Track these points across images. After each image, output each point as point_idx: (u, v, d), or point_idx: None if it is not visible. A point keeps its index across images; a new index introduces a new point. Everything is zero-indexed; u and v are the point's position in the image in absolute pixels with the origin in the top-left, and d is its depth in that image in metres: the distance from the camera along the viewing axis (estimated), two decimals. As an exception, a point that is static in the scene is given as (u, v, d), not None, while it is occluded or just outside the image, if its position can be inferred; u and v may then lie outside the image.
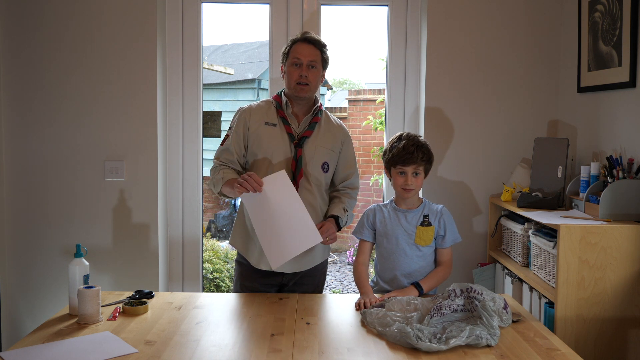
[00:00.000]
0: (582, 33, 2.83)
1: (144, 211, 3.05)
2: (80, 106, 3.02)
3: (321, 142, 2.42)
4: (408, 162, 2.31)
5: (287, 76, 2.40)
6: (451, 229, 2.37)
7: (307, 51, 2.37)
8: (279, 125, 2.40)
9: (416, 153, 2.31)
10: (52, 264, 3.07)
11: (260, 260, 2.38)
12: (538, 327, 1.97)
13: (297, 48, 2.38)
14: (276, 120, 2.41)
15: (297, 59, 2.36)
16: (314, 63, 2.37)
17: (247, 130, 2.40)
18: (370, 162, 7.10)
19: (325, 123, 2.47)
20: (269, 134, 2.39)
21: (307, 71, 2.36)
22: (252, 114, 2.42)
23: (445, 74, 3.07)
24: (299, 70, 2.36)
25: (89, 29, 2.99)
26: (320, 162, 2.41)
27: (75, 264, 2.07)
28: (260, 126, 2.40)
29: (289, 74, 2.39)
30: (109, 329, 1.90)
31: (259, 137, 2.39)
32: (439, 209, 2.40)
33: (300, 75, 2.35)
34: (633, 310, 2.27)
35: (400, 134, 2.40)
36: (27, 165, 3.03)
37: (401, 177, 2.33)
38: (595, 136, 2.76)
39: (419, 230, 2.34)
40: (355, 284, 2.35)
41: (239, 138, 2.41)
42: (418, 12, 3.14)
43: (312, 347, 1.78)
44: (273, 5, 3.14)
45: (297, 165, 2.36)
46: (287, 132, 2.38)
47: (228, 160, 2.41)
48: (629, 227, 2.24)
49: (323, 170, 2.42)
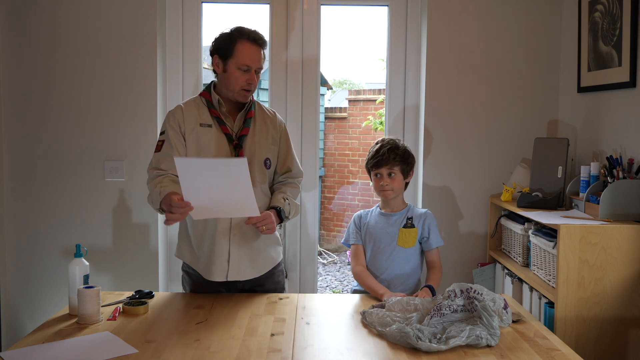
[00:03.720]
0: (582, 33, 2.83)
1: (144, 211, 3.05)
2: (80, 106, 3.02)
3: (259, 137, 2.27)
4: (381, 164, 2.36)
5: (229, 78, 2.19)
6: (434, 232, 2.41)
7: (257, 56, 2.18)
8: (215, 126, 2.22)
9: (387, 154, 2.36)
10: (52, 264, 3.07)
11: (212, 271, 2.22)
12: (538, 327, 1.97)
13: (247, 51, 2.16)
14: (210, 120, 2.22)
15: (245, 66, 2.16)
16: (260, 69, 2.21)
17: (183, 132, 2.20)
18: (370, 162, 7.09)
19: (259, 116, 2.31)
20: (206, 136, 2.20)
21: (255, 77, 2.20)
22: (184, 115, 2.21)
23: (445, 74, 3.07)
24: (247, 76, 2.17)
25: (89, 29, 2.99)
26: (262, 159, 2.27)
27: (75, 264, 2.07)
28: (195, 127, 2.21)
29: (233, 77, 2.18)
30: (109, 329, 1.90)
31: (196, 140, 2.20)
32: (424, 212, 2.43)
33: (248, 83, 2.18)
34: (633, 310, 2.26)
35: (378, 140, 2.46)
36: (27, 165, 3.03)
37: (378, 179, 2.39)
38: (595, 136, 2.76)
39: (402, 233, 2.36)
40: (366, 288, 2.32)
41: (178, 140, 2.19)
42: (418, 12, 3.14)
43: (312, 347, 1.78)
44: (273, 5, 3.14)
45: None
46: (223, 133, 2.21)
47: (169, 166, 2.14)
48: (629, 227, 2.24)
49: (266, 166, 2.28)
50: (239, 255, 2.24)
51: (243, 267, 2.25)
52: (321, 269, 6.68)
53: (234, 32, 2.19)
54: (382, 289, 2.23)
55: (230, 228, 2.23)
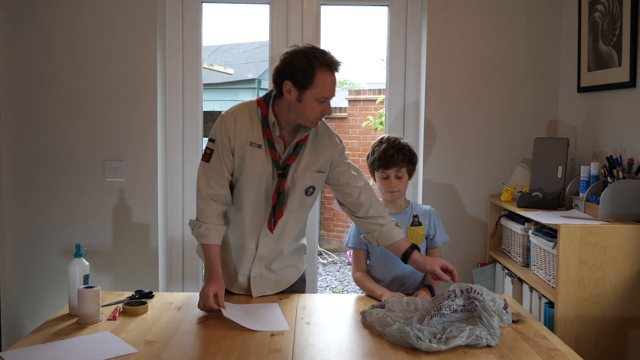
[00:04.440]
0: (582, 33, 2.83)
1: (144, 211, 3.05)
2: (80, 106, 3.02)
3: (305, 165, 2.13)
4: (389, 165, 2.32)
5: (304, 108, 2.01)
6: (440, 229, 2.39)
7: (334, 84, 2.03)
8: (265, 148, 2.09)
9: (396, 155, 2.32)
10: (52, 264, 3.07)
11: (233, 284, 2.24)
12: (538, 327, 1.97)
13: (327, 82, 1.99)
14: (262, 140, 2.09)
15: (324, 98, 2.01)
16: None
17: (233, 147, 2.09)
18: (370, 162, 7.09)
19: (312, 140, 2.15)
20: (253, 158, 2.09)
21: (330, 106, 2.05)
22: (236, 129, 2.09)
23: (445, 74, 3.07)
24: (323, 106, 2.02)
25: (89, 29, 2.99)
26: (304, 188, 2.15)
27: (75, 264, 2.07)
28: (245, 145, 2.09)
29: (309, 108, 2.01)
30: (109, 329, 1.90)
31: (243, 159, 2.09)
32: (428, 209, 2.42)
33: (323, 113, 2.04)
34: (633, 310, 2.26)
35: (381, 138, 2.41)
36: (27, 165, 3.03)
37: (385, 180, 2.35)
38: (595, 136, 2.76)
39: (410, 231, 2.35)
40: (367, 292, 2.30)
41: (227, 154, 2.10)
42: (418, 12, 3.14)
43: (312, 347, 1.78)
44: (273, 5, 3.14)
45: (278, 200, 2.11)
46: (272, 158, 2.09)
47: (217, 184, 2.10)
48: (628, 227, 2.24)
49: (307, 194, 2.17)
50: (261, 276, 2.24)
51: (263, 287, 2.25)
52: (321, 269, 6.68)
53: (312, 60, 1.98)
54: (381, 290, 2.23)
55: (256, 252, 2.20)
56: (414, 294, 2.21)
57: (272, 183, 2.12)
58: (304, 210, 2.23)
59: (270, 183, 2.12)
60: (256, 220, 2.17)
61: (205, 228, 2.09)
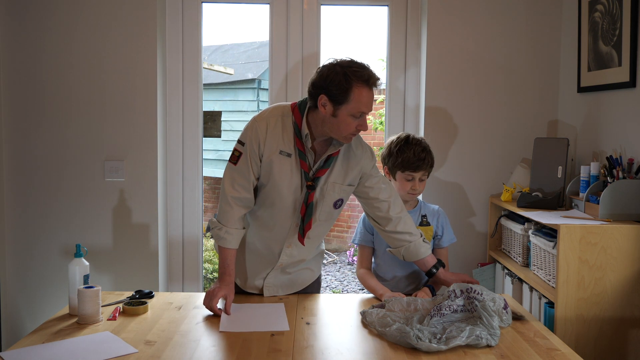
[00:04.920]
0: (582, 33, 2.83)
1: (144, 211, 3.05)
2: (80, 106, 3.02)
3: (335, 178, 2.10)
4: (419, 169, 2.30)
5: (339, 124, 1.96)
6: (448, 229, 2.39)
7: (372, 99, 1.97)
8: (294, 158, 2.05)
9: (427, 159, 2.31)
10: (52, 264, 3.07)
11: (246, 283, 2.25)
12: (538, 327, 1.97)
13: (364, 98, 1.94)
14: (292, 150, 2.04)
15: (360, 113, 1.95)
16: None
17: (261, 152, 2.05)
18: (370, 162, 7.08)
19: (344, 153, 2.10)
20: (282, 166, 2.05)
21: (366, 122, 2.00)
22: (267, 135, 2.03)
23: (445, 74, 3.07)
24: (359, 122, 1.97)
25: (88, 29, 2.99)
26: (332, 201, 2.12)
27: (75, 264, 2.07)
28: (273, 154, 2.04)
29: (344, 123, 1.96)
30: (109, 329, 1.90)
31: (270, 166, 2.05)
32: (436, 209, 2.41)
33: (358, 129, 1.99)
34: (633, 310, 2.26)
35: (407, 137, 2.36)
36: (27, 165, 3.03)
37: (409, 182, 2.32)
38: (595, 136, 2.76)
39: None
40: (368, 290, 2.31)
41: (254, 159, 2.05)
42: (418, 12, 3.14)
43: (312, 347, 1.78)
44: (273, 5, 3.14)
45: (307, 212, 2.07)
46: (301, 169, 2.05)
47: (242, 187, 2.07)
48: (628, 227, 2.24)
49: (335, 207, 2.15)
50: (275, 283, 2.25)
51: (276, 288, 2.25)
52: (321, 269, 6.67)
53: (349, 74, 1.92)
54: (382, 289, 2.23)
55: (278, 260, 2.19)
56: (414, 294, 2.21)
57: (301, 194, 2.08)
58: (329, 222, 2.23)
59: (298, 194, 2.09)
60: (282, 230, 2.15)
61: (225, 231, 2.09)
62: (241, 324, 1.95)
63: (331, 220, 2.21)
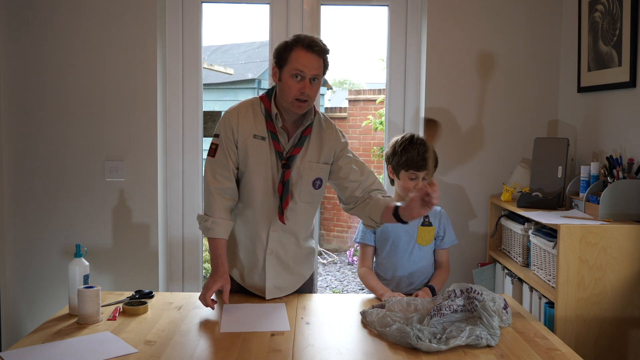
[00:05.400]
0: (582, 33, 2.83)
1: (144, 211, 3.05)
2: (80, 106, 3.02)
3: (310, 157, 2.16)
4: (423, 168, 2.31)
5: (284, 87, 2.07)
6: (450, 231, 2.39)
7: (312, 63, 2.04)
8: (268, 140, 2.13)
9: (432, 158, 2.31)
10: (52, 264, 3.07)
11: (245, 279, 2.26)
12: (538, 327, 1.97)
13: (300, 58, 2.03)
14: (265, 133, 2.13)
15: (299, 72, 2.03)
16: (317, 77, 2.06)
17: (236, 140, 2.14)
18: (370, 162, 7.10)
19: (316, 133, 2.18)
20: (256, 150, 2.13)
21: (309, 86, 2.05)
22: (240, 121, 2.14)
23: (445, 74, 3.07)
24: (300, 84, 2.04)
25: (89, 29, 2.99)
26: (311, 180, 2.17)
27: (75, 264, 2.07)
28: (248, 139, 2.13)
29: (287, 86, 2.06)
30: (109, 329, 1.90)
31: (246, 152, 2.13)
32: (439, 210, 2.42)
33: (301, 92, 2.04)
34: (633, 310, 2.26)
35: (411, 137, 2.37)
36: (27, 165, 3.03)
37: (412, 182, 2.32)
38: (595, 136, 2.76)
39: (421, 231, 2.34)
40: (369, 289, 2.30)
41: (231, 147, 2.14)
42: (418, 12, 3.14)
43: (312, 347, 1.78)
44: (273, 5, 3.14)
45: (284, 190, 2.12)
46: (275, 150, 2.13)
47: (224, 177, 2.13)
48: (629, 227, 2.25)
49: (314, 187, 2.18)
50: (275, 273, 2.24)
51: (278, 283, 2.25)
52: (321, 269, 6.68)
53: (290, 40, 2.08)
54: (382, 289, 2.23)
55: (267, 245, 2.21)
56: (414, 293, 2.21)
57: (277, 174, 2.14)
58: (312, 206, 2.25)
59: (275, 174, 2.15)
60: (266, 213, 2.18)
61: (212, 222, 2.11)
62: (242, 324, 1.95)
63: (314, 202, 2.24)
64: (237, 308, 2.09)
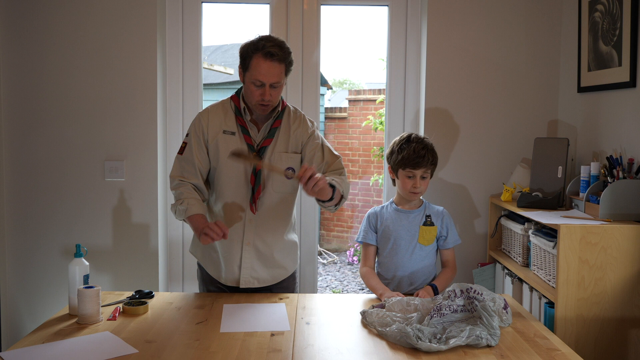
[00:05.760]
0: (582, 33, 2.83)
1: (144, 211, 3.05)
2: (80, 106, 3.02)
3: (280, 147, 2.23)
4: (418, 166, 2.30)
5: (246, 90, 2.15)
6: (452, 230, 2.39)
7: (272, 71, 2.09)
8: (238, 134, 2.21)
9: (427, 156, 2.31)
10: (52, 264, 3.07)
11: (220, 274, 2.30)
12: (538, 327, 1.97)
13: (260, 66, 2.08)
14: (235, 128, 2.21)
15: (258, 81, 2.09)
16: (277, 83, 2.11)
17: (206, 138, 2.21)
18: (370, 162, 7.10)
19: (285, 124, 2.25)
20: (227, 144, 2.20)
21: (270, 92, 2.11)
22: (209, 119, 2.22)
23: (445, 74, 3.07)
24: (261, 90, 2.11)
25: (89, 29, 2.99)
26: (283, 169, 2.21)
27: (75, 264, 2.07)
28: (218, 134, 2.21)
29: (248, 90, 2.14)
30: (109, 329, 1.90)
31: (217, 147, 2.20)
32: (441, 210, 2.42)
33: (262, 98, 2.11)
34: (633, 310, 2.27)
35: (409, 135, 2.38)
36: (27, 165, 3.03)
37: (410, 180, 2.32)
38: (595, 136, 2.76)
39: (422, 230, 2.35)
40: (370, 289, 2.31)
41: (199, 146, 2.21)
42: (418, 12, 3.14)
43: (312, 347, 1.78)
44: (273, 5, 3.14)
45: (256, 181, 2.20)
46: (246, 143, 2.20)
47: (190, 174, 2.21)
48: (629, 227, 2.25)
49: (287, 176, 2.20)
50: (252, 263, 2.28)
51: (255, 274, 2.28)
52: (321, 269, 6.68)
53: (252, 44, 2.11)
54: (382, 289, 2.23)
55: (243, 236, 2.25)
56: (415, 292, 2.21)
57: (250, 166, 2.21)
58: (288, 196, 2.29)
59: (248, 169, 2.21)
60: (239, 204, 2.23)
61: (187, 203, 2.17)
62: (242, 324, 1.95)
63: (289, 192, 2.28)
64: (237, 308, 2.10)
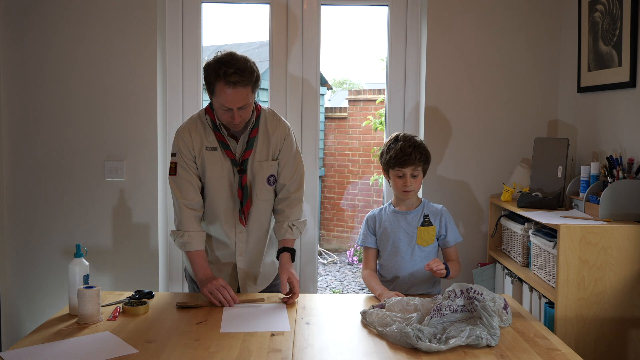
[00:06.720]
0: (582, 33, 2.83)
1: (144, 211, 3.05)
2: (80, 106, 3.02)
3: (260, 156, 2.23)
4: (406, 164, 2.30)
5: (216, 111, 2.14)
6: (452, 229, 2.38)
7: (237, 97, 2.05)
8: (220, 150, 2.21)
9: (414, 154, 2.30)
10: (52, 264, 3.07)
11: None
12: (538, 327, 1.97)
13: (224, 93, 2.04)
14: (215, 143, 2.21)
15: (224, 106, 2.07)
16: (245, 106, 2.08)
17: (194, 154, 2.21)
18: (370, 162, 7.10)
19: (262, 132, 2.24)
20: (211, 161, 2.21)
21: (239, 114, 2.09)
22: (192, 138, 2.20)
23: (445, 74, 3.07)
24: (229, 114, 2.09)
25: (89, 29, 2.99)
26: (265, 177, 2.25)
27: (75, 264, 2.07)
28: (202, 150, 2.21)
29: (217, 112, 2.13)
30: (109, 329, 1.90)
31: (203, 165, 2.21)
32: (439, 208, 2.40)
33: (230, 121, 2.12)
34: (633, 310, 2.26)
35: (397, 135, 2.38)
36: (27, 165, 3.03)
37: (400, 179, 2.32)
38: (595, 136, 2.76)
39: (420, 231, 2.34)
40: (370, 291, 2.31)
41: (190, 162, 2.22)
42: (418, 12, 3.14)
43: (312, 347, 1.78)
44: (273, 5, 3.14)
45: (243, 195, 2.21)
46: (229, 158, 2.21)
47: (189, 192, 2.21)
48: (629, 227, 2.24)
49: (269, 184, 2.26)
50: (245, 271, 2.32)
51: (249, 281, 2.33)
52: (321, 269, 6.68)
53: (213, 71, 2.05)
54: (381, 289, 2.23)
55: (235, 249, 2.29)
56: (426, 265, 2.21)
57: (235, 180, 2.23)
58: (270, 202, 2.32)
59: (233, 181, 2.24)
60: (230, 219, 2.27)
61: (188, 236, 2.21)
62: (242, 324, 1.96)
63: (272, 198, 2.31)
64: (237, 308, 2.10)
